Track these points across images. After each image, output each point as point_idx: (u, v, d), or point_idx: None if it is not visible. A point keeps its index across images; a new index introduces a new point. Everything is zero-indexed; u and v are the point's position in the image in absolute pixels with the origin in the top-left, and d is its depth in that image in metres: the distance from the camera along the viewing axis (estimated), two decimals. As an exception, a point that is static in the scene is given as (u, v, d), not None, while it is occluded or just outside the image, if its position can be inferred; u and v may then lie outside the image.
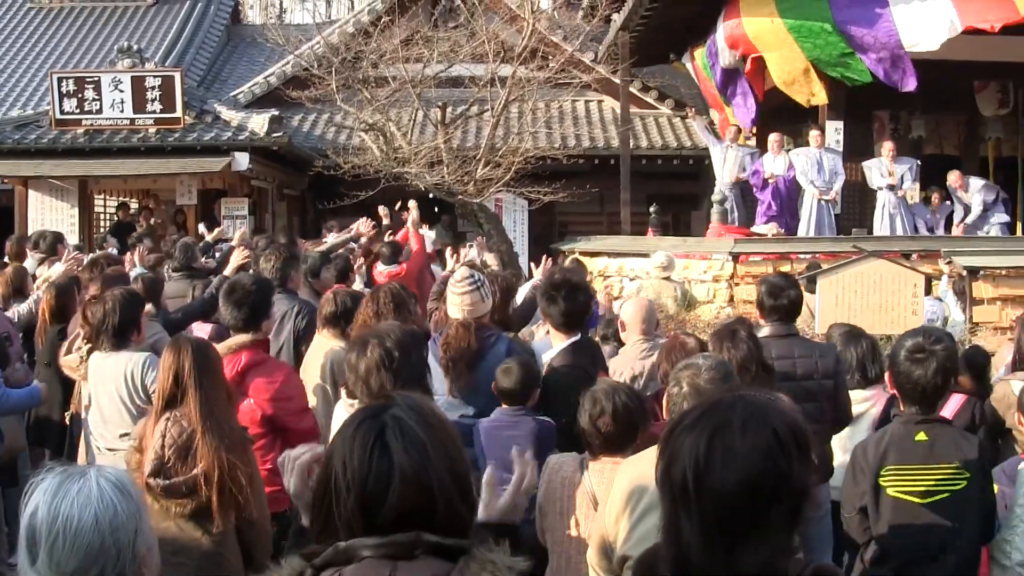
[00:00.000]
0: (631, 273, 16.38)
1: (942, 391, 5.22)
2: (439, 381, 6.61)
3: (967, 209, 18.93)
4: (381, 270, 13.11)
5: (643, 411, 5.17)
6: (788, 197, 18.58)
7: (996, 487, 5.29)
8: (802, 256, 15.66)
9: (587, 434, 5.11)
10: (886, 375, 5.52)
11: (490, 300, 7.03)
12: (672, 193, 25.53)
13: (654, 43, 22.55)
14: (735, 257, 15.42)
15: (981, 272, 14.94)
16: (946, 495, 5.01)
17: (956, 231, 18.12)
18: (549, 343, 7.03)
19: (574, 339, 6.76)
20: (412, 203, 14.68)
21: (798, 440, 2.42)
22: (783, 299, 7.10)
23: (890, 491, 5.08)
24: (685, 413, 2.56)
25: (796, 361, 6.86)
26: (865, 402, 7.36)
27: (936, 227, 18.99)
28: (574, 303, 6.74)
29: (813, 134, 18.30)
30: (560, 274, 7.27)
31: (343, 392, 5.75)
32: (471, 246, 16.27)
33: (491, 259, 14.13)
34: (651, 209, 21.75)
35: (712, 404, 2.52)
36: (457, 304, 6.83)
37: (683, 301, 13.41)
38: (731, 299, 15.11)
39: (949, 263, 15.13)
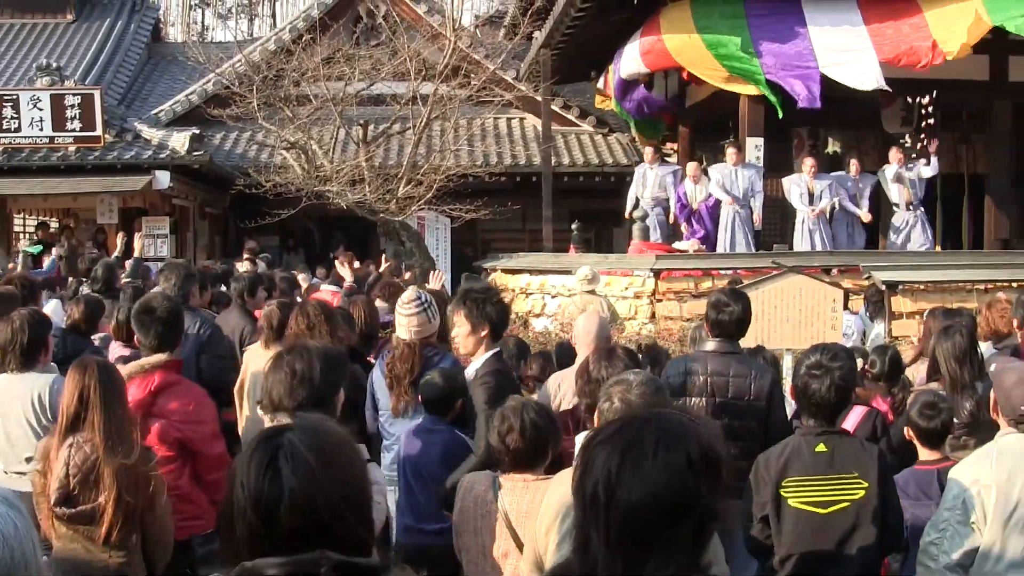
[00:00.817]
0: (553, 290, 16.41)
1: (839, 405, 5.44)
2: (386, 398, 6.88)
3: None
4: (324, 288, 13.02)
5: (553, 428, 5.17)
6: (713, 221, 18.67)
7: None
8: (723, 272, 15.76)
9: (496, 451, 5.12)
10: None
11: (437, 320, 7.08)
12: (594, 210, 25.58)
13: (575, 61, 22.66)
14: (656, 273, 15.48)
15: (900, 287, 15.13)
16: (846, 504, 5.21)
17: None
18: None
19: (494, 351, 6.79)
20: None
21: (710, 462, 2.43)
22: (724, 315, 7.08)
23: (791, 502, 5.26)
24: (602, 427, 2.62)
25: (730, 379, 6.89)
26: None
27: (860, 197, 19.09)
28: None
29: (730, 151, 18.43)
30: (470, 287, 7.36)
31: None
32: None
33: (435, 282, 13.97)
34: (573, 226, 21.80)
35: (628, 420, 2.54)
36: (404, 325, 6.88)
37: (610, 315, 13.46)
38: (653, 315, 15.17)
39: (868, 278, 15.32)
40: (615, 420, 2.61)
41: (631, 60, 18.56)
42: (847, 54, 16.80)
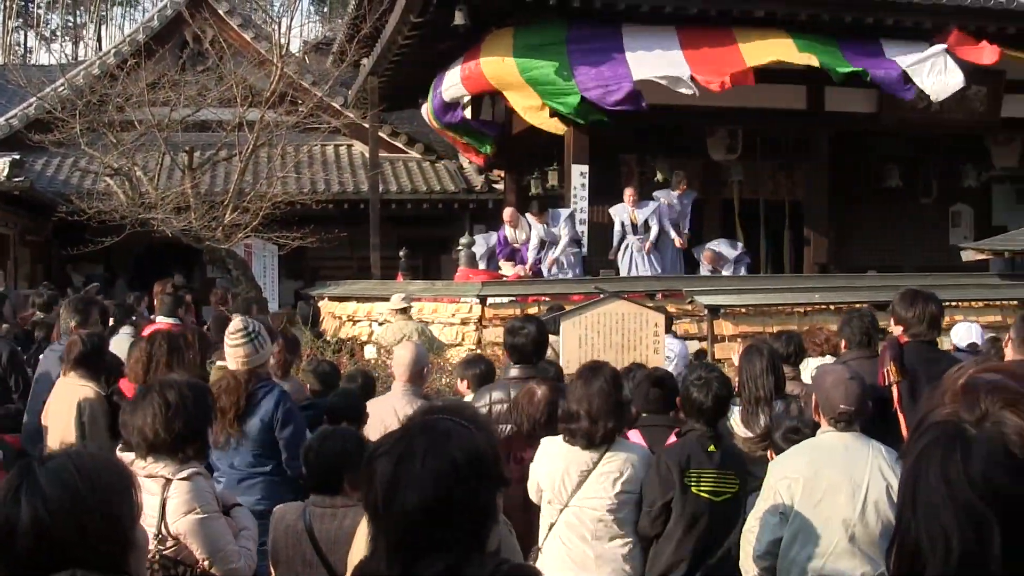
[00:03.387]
0: (380, 317, 16.48)
1: (719, 411, 6.32)
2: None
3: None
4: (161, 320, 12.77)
5: (360, 455, 5.26)
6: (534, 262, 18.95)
7: None
8: (547, 298, 15.99)
9: (302, 476, 5.26)
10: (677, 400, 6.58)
11: (267, 350, 7.05)
12: (422, 237, 25.73)
13: (403, 88, 22.80)
14: (482, 300, 15.64)
15: (722, 310, 15.54)
16: (728, 496, 6.06)
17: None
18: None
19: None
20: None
21: (479, 465, 2.60)
22: (520, 337, 7.36)
23: (693, 489, 6.00)
24: (384, 438, 2.73)
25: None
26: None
27: (682, 218, 19.58)
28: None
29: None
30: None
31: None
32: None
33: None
34: (401, 253, 21.91)
35: (404, 431, 2.70)
36: (231, 355, 6.86)
37: (427, 340, 13.57)
38: (479, 342, 15.31)
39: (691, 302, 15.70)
40: (395, 432, 2.75)
41: (452, 85, 18.78)
42: (663, 70, 17.24)
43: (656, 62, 17.32)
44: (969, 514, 1.75)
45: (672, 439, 6.81)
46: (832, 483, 5.35)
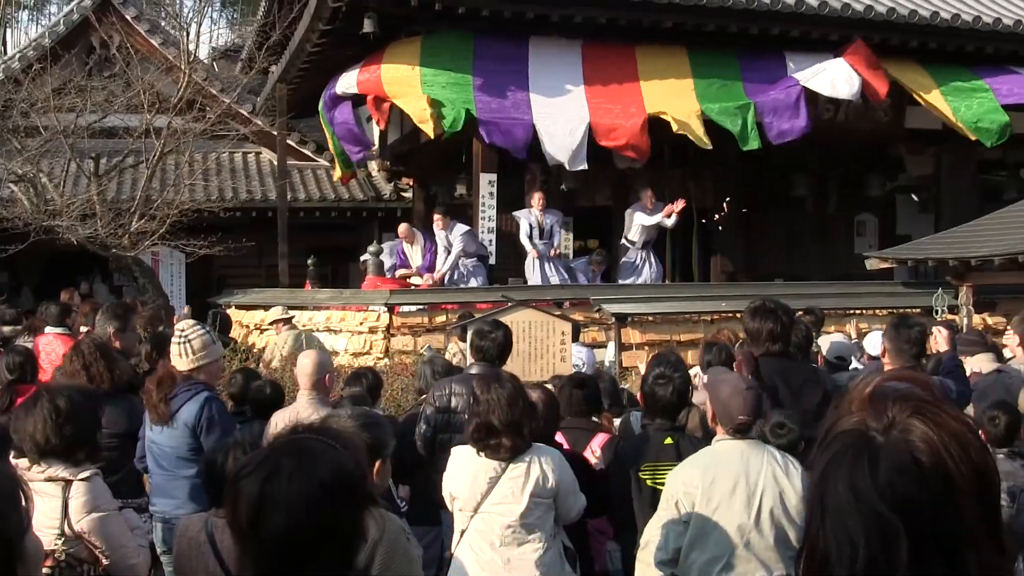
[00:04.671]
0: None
1: (679, 406, 6.66)
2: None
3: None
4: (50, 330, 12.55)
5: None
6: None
7: None
8: (455, 307, 16.01)
9: (205, 486, 5.24)
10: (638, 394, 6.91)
11: (209, 349, 7.13)
12: (331, 245, 25.59)
13: (312, 95, 22.67)
14: (391, 308, 15.62)
15: (630, 319, 15.62)
16: None
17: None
18: None
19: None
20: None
21: (348, 485, 2.59)
22: (487, 341, 8.04)
23: (648, 483, 6.27)
24: (250, 458, 2.70)
25: None
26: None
27: (593, 281, 19.71)
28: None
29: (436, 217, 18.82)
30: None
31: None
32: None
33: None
34: (309, 261, 21.81)
35: (272, 450, 2.67)
36: (177, 354, 6.92)
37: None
38: (387, 350, 15.29)
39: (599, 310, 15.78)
40: (262, 450, 2.74)
41: (347, 83, 18.69)
42: (563, 120, 17.36)
43: (557, 104, 17.45)
44: (876, 522, 1.78)
45: (599, 440, 6.91)
46: (728, 490, 5.48)
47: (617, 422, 8.57)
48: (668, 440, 6.42)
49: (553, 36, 17.97)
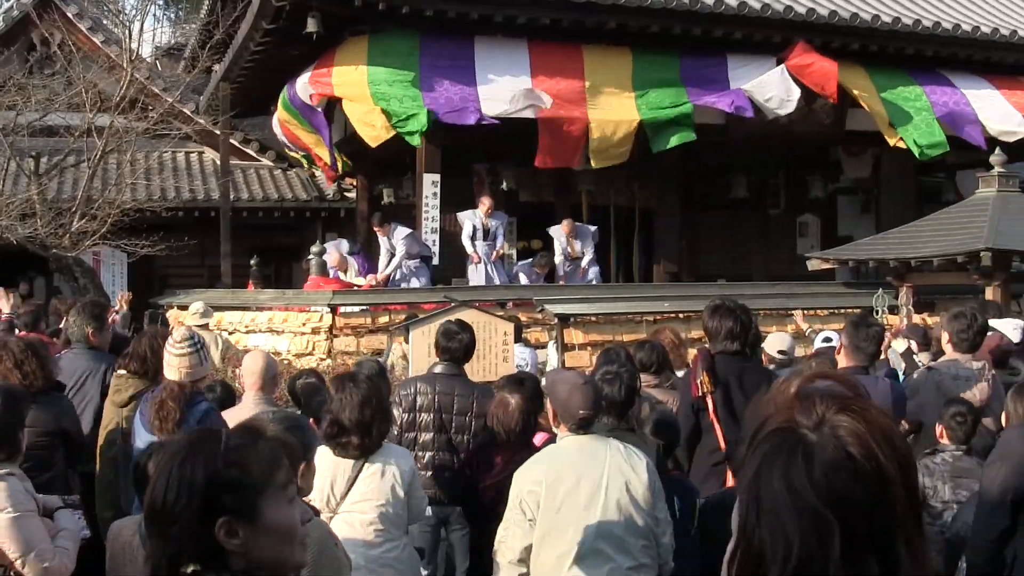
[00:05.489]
0: (230, 327, 16.30)
1: (627, 404, 6.54)
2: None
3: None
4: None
5: None
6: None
7: None
8: (398, 307, 16.00)
9: (135, 489, 5.22)
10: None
11: (208, 363, 7.10)
12: (274, 245, 25.51)
13: (255, 94, 22.63)
14: (333, 309, 15.57)
15: (572, 319, 15.64)
16: None
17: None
18: None
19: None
20: None
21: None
22: (454, 342, 8.33)
23: None
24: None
25: (455, 398, 8.11)
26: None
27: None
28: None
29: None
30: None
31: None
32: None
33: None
34: (252, 261, 21.73)
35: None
36: (175, 366, 6.77)
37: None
38: (329, 351, 15.24)
39: (542, 309, 15.79)
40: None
41: (302, 89, 18.64)
42: (508, 100, 17.38)
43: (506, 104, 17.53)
44: (811, 518, 1.81)
45: (539, 438, 6.95)
46: (572, 485, 5.61)
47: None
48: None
49: (498, 36, 17.98)
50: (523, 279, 19.40)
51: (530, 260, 20.05)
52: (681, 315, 16.07)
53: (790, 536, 1.82)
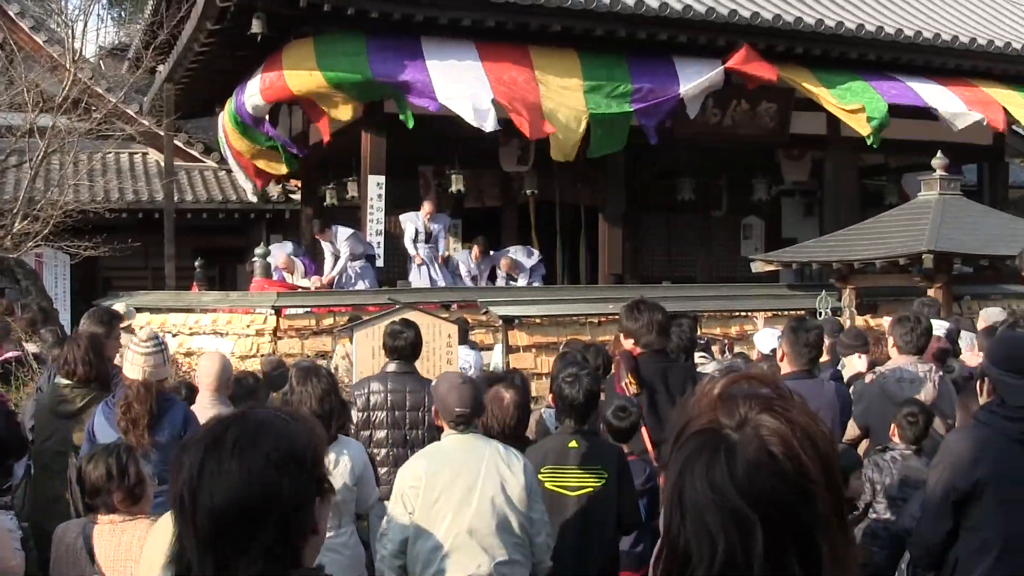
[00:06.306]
0: (174, 328, 16.21)
1: (589, 407, 6.67)
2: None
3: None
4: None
5: (126, 471, 5.19)
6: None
7: None
8: (343, 309, 15.97)
9: (88, 494, 5.16)
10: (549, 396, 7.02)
11: (169, 364, 7.15)
12: (218, 247, 25.42)
13: (200, 96, 22.53)
14: (278, 311, 15.52)
15: (516, 321, 15.67)
16: (590, 489, 6.47)
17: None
18: None
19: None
20: None
21: (294, 459, 2.42)
22: (400, 340, 8.57)
23: (548, 485, 6.42)
24: (200, 428, 2.56)
25: (407, 395, 8.41)
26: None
27: (480, 277, 19.77)
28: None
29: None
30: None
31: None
32: None
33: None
34: (196, 263, 21.62)
35: (217, 422, 2.53)
36: (140, 364, 6.72)
37: None
38: (274, 353, 15.19)
39: (486, 313, 15.81)
40: (207, 422, 2.58)
41: (252, 95, 18.54)
42: (464, 87, 17.30)
43: (456, 74, 17.42)
44: (734, 516, 1.83)
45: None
46: (449, 481, 5.83)
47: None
48: (572, 443, 6.56)
49: (446, 37, 17.95)
50: (462, 268, 19.49)
51: (467, 248, 20.18)
52: (626, 316, 16.10)
53: (714, 535, 1.84)
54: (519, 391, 7.15)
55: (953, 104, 19.95)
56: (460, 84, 17.21)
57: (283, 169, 21.81)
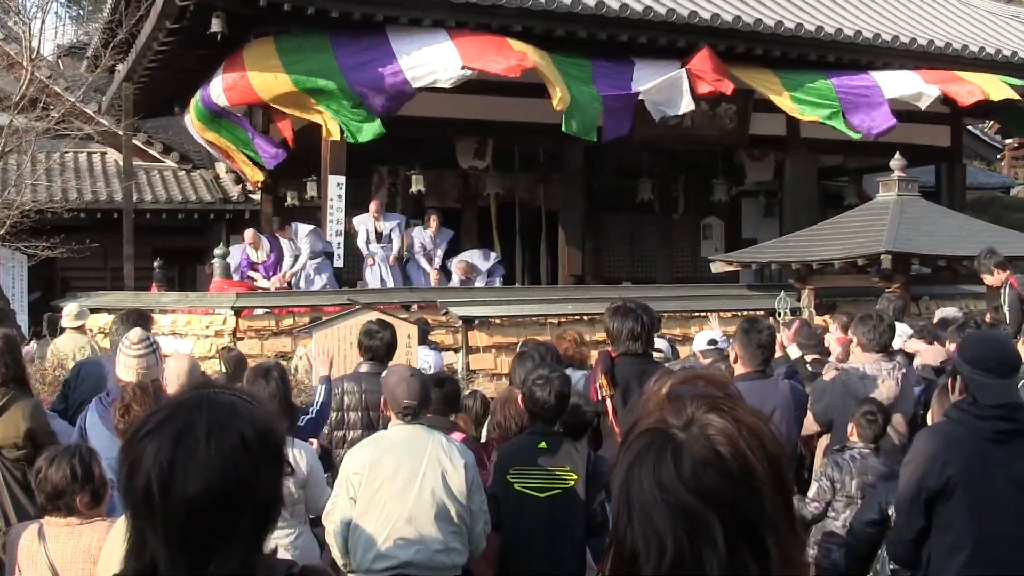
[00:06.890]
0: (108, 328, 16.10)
1: (559, 409, 6.70)
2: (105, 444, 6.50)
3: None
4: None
5: (89, 473, 5.14)
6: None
7: None
8: (302, 310, 15.94)
9: (48, 496, 5.11)
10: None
11: (160, 364, 7.02)
12: (178, 247, 25.26)
13: (159, 95, 22.42)
14: (237, 312, 15.46)
15: (476, 321, 15.68)
16: (558, 491, 6.51)
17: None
18: None
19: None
20: None
21: (267, 443, 2.34)
22: (375, 340, 8.70)
23: (516, 486, 6.53)
24: (150, 416, 2.36)
25: (380, 394, 7.83)
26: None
27: (437, 248, 19.74)
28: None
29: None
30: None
31: None
32: None
33: None
34: (156, 264, 21.51)
35: (176, 406, 2.36)
36: (132, 367, 6.71)
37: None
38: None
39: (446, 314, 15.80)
40: (162, 407, 2.39)
41: (218, 96, 18.44)
42: (433, 63, 17.21)
43: (425, 56, 17.30)
44: (683, 515, 1.83)
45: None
46: (392, 470, 6.01)
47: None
48: (542, 444, 6.61)
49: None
50: (416, 243, 19.50)
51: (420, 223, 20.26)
52: (585, 317, 16.19)
53: (662, 534, 1.85)
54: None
55: (914, 84, 19.83)
56: (430, 62, 17.14)
57: (260, 175, 21.79)
